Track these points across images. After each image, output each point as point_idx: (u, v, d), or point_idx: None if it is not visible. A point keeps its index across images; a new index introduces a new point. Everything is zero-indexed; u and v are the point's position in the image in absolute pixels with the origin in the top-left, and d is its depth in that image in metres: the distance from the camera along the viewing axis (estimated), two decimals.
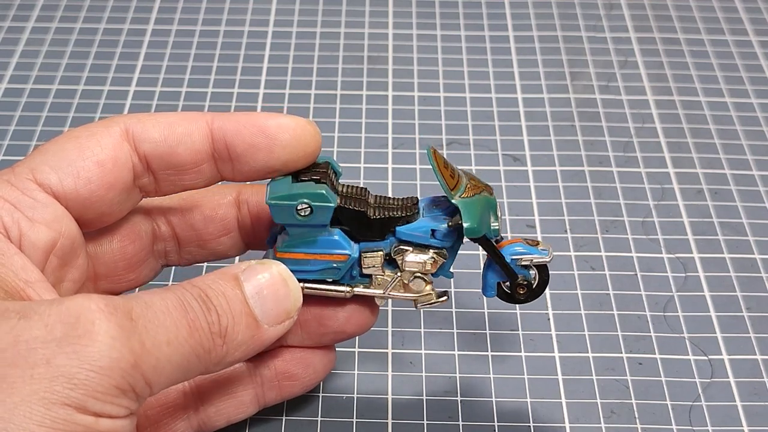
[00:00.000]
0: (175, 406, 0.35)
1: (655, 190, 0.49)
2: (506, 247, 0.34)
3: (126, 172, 0.33)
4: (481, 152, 0.51)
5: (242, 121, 0.33)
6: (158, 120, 0.33)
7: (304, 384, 0.37)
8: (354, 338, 0.42)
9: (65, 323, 0.26)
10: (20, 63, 0.57)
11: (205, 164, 0.33)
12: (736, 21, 0.61)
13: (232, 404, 0.36)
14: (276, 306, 0.31)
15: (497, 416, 0.39)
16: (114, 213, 0.33)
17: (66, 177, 0.32)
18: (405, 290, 0.34)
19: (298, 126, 0.33)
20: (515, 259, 0.34)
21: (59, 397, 0.25)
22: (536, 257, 0.34)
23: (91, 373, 0.25)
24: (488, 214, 0.33)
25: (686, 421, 0.39)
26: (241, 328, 0.30)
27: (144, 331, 0.27)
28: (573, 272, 0.45)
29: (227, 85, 0.55)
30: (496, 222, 0.33)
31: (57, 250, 0.31)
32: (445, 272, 0.35)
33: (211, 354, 0.29)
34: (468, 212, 0.33)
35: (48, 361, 0.25)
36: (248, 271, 0.31)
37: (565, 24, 0.61)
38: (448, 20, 0.61)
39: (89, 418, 0.26)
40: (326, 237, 0.33)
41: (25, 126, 0.52)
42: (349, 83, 0.56)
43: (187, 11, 0.61)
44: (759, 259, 0.46)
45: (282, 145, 0.33)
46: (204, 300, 0.29)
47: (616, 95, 0.55)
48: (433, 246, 0.34)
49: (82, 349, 0.26)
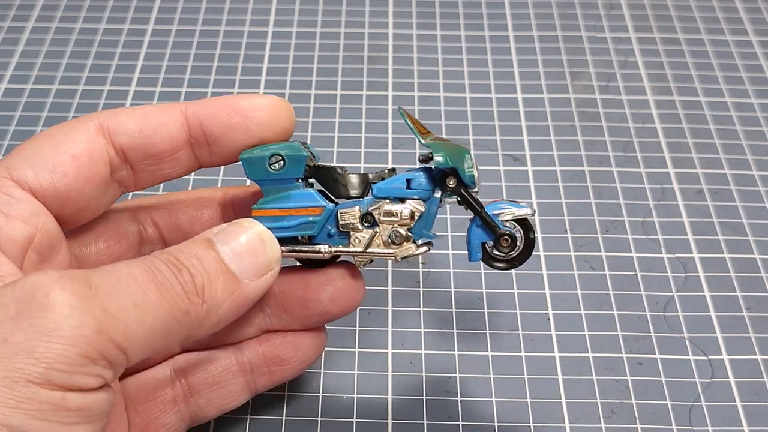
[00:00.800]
0: (164, 399, 0.35)
1: (655, 190, 0.49)
2: (487, 205, 0.34)
3: (102, 165, 0.33)
4: (481, 152, 0.51)
5: (216, 104, 0.34)
6: (132, 112, 0.34)
7: (295, 368, 0.36)
8: (355, 340, 0.42)
9: (19, 300, 0.26)
10: (20, 63, 0.57)
11: (181, 151, 0.34)
12: (736, 21, 0.61)
13: (223, 394, 0.36)
14: (254, 260, 0.31)
15: (497, 416, 0.39)
16: (92, 208, 0.33)
17: (42, 172, 0.32)
18: (384, 246, 0.34)
19: (272, 104, 0.34)
20: (496, 214, 0.34)
21: (21, 374, 0.25)
22: (517, 210, 0.34)
23: (50, 344, 0.25)
24: (461, 157, 0.33)
25: (686, 421, 0.39)
26: (219, 286, 0.30)
27: (106, 297, 0.27)
28: (573, 272, 0.45)
29: (227, 85, 0.55)
30: (472, 168, 0.33)
31: (35, 245, 0.31)
32: (425, 230, 0.34)
33: (191, 315, 0.29)
34: (438, 148, 0.33)
35: (5, 340, 0.25)
36: (221, 232, 0.31)
37: (565, 24, 0.61)
38: (448, 20, 0.61)
39: (56, 393, 0.25)
40: (300, 191, 0.34)
41: (25, 126, 0.52)
42: (349, 83, 0.56)
43: (187, 11, 0.61)
44: (759, 259, 0.46)
45: (258, 122, 0.33)
46: (174, 263, 0.29)
47: (616, 95, 0.55)
48: (410, 197, 0.34)
49: (39, 322, 0.25)
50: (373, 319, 0.42)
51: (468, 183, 0.33)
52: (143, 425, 0.34)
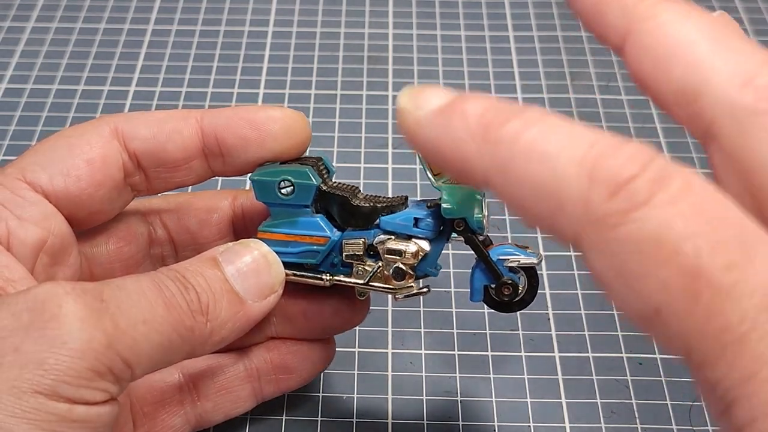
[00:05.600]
0: (171, 402, 0.35)
1: None
2: (494, 248, 0.33)
3: (116, 169, 0.33)
4: None
5: (231, 115, 0.33)
6: (147, 118, 0.33)
7: (302, 377, 0.37)
8: (355, 340, 0.42)
9: (32, 310, 0.26)
10: (20, 63, 0.57)
11: (195, 160, 0.34)
12: (736, 21, 0.61)
13: (229, 399, 0.36)
14: (258, 281, 0.31)
15: (497, 416, 0.39)
16: (105, 211, 0.34)
17: (56, 175, 0.32)
18: (385, 282, 0.34)
19: (286, 116, 0.34)
20: (502, 260, 0.33)
21: (30, 384, 0.25)
22: (523, 258, 0.33)
23: (61, 357, 0.25)
24: (472, 203, 0.33)
25: (686, 421, 0.39)
26: (223, 305, 0.30)
27: (117, 312, 0.27)
28: (573, 272, 0.45)
29: (227, 85, 0.55)
30: (481, 214, 0.33)
31: (47, 248, 0.31)
32: (429, 268, 0.34)
33: (194, 332, 0.29)
34: (449, 194, 0.32)
35: (16, 349, 0.25)
36: (227, 252, 0.31)
37: (565, 24, 0.61)
38: (448, 20, 0.61)
39: (62, 405, 0.25)
40: (307, 218, 0.34)
41: (25, 126, 0.52)
42: (349, 83, 0.56)
43: (187, 11, 0.61)
44: None
45: (273, 136, 0.33)
46: (181, 280, 0.29)
47: (616, 95, 0.55)
48: (416, 236, 0.33)
49: (50, 333, 0.25)
50: (373, 319, 0.42)
51: (475, 229, 0.33)
52: (149, 427, 0.34)
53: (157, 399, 0.35)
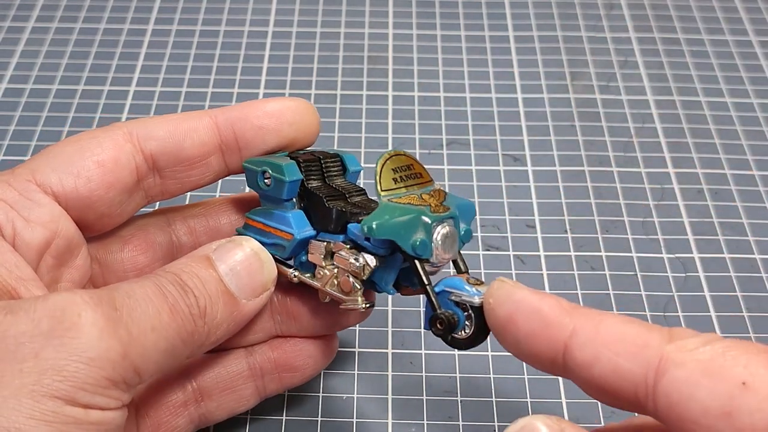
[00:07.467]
0: (176, 403, 0.35)
1: (655, 190, 0.49)
2: (447, 279, 0.31)
3: (127, 172, 0.33)
4: (481, 152, 0.51)
5: (245, 109, 0.34)
6: (162, 120, 0.34)
7: (305, 374, 0.37)
8: (355, 340, 0.42)
9: (51, 317, 0.26)
10: (20, 63, 0.57)
11: (212, 157, 0.34)
12: (736, 21, 0.61)
13: (233, 399, 0.36)
14: (251, 280, 0.32)
15: (497, 416, 0.39)
16: (115, 215, 0.34)
17: (66, 177, 0.32)
18: (339, 288, 0.33)
19: (299, 105, 0.35)
20: (447, 292, 0.31)
21: (48, 389, 0.25)
22: (465, 296, 0.30)
23: (80, 365, 0.26)
24: (413, 228, 0.31)
25: None
26: (219, 307, 0.30)
27: (129, 320, 0.27)
28: (573, 272, 0.45)
29: (227, 85, 0.55)
30: (427, 239, 0.30)
31: (52, 249, 0.32)
32: (383, 285, 0.32)
33: (194, 336, 0.29)
34: (381, 211, 0.31)
35: (36, 355, 0.26)
36: (219, 249, 0.32)
37: (565, 24, 0.61)
38: (448, 20, 0.61)
39: (79, 410, 0.26)
40: (282, 212, 0.34)
41: (25, 126, 0.52)
42: (349, 83, 0.56)
43: (187, 11, 0.61)
44: (759, 259, 0.46)
45: (289, 123, 0.34)
46: (179, 284, 0.30)
47: (616, 95, 0.55)
48: (367, 249, 0.32)
49: (69, 342, 0.26)
50: (373, 319, 0.42)
51: (411, 254, 0.31)
52: (153, 428, 0.34)
53: (160, 400, 0.35)
